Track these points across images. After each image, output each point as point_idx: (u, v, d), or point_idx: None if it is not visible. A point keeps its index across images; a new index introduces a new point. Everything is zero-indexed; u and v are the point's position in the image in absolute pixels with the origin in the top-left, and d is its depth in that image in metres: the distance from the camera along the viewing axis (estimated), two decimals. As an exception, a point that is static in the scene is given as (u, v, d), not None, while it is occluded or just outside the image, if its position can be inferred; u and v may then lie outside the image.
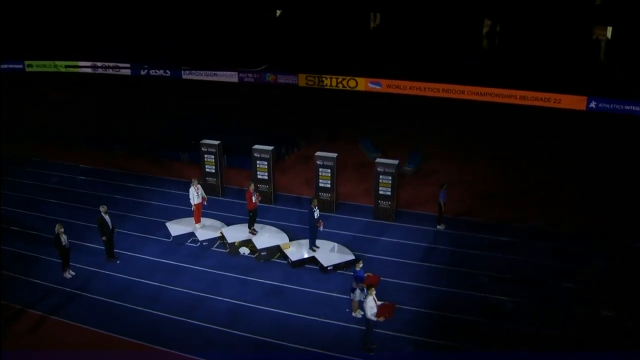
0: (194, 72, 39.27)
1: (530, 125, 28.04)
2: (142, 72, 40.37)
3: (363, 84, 35.27)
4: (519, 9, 36.27)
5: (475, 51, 37.18)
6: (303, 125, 27.85)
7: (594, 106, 29.76)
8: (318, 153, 18.93)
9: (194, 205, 17.54)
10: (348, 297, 14.03)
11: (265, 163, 19.46)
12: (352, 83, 35.46)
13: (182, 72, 39.55)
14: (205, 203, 17.87)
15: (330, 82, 35.97)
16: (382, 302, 12.50)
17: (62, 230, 15.21)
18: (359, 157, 24.02)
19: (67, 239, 15.39)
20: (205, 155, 20.20)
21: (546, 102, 30.77)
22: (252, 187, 16.97)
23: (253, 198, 16.79)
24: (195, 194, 17.39)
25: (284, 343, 13.00)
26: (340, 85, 35.76)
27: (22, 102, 33.08)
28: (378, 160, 18.45)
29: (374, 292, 12.00)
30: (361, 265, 13.59)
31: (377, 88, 34.97)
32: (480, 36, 38.69)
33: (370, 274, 14.08)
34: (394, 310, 12.90)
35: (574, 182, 21.29)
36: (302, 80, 36.65)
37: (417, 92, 33.79)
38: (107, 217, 16.05)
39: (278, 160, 23.34)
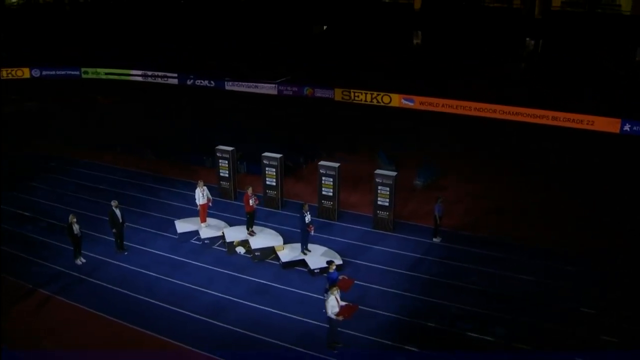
0: (236, 83, 41.39)
1: (559, 147, 27.91)
2: (189, 82, 42.96)
3: (397, 100, 36.12)
4: (559, 30, 36.36)
5: (514, 71, 37.27)
6: (327, 136, 28.99)
7: (627, 129, 29.27)
8: (321, 162, 20.02)
9: (200, 205, 19.00)
10: (323, 297, 14.91)
11: (274, 170, 20.71)
12: (386, 99, 36.40)
13: (225, 83, 41.77)
14: (210, 204, 19.29)
15: (364, 97, 37.06)
16: (346, 303, 13.34)
17: (75, 220, 17.01)
18: (375, 169, 24.80)
19: (80, 228, 17.17)
20: (220, 161, 21.70)
21: (578, 124, 30.55)
22: (249, 190, 18.25)
23: (250, 201, 18.07)
24: (201, 195, 18.86)
25: (257, 336, 14.05)
26: (374, 101, 36.78)
27: (74, 106, 36.06)
28: (377, 171, 19.28)
29: (335, 292, 12.87)
30: (334, 267, 14.48)
31: (410, 105, 35.72)
32: (521, 57, 38.69)
33: (344, 276, 14.95)
34: (354, 312, 13.64)
35: (589, 205, 21.20)
36: (338, 94, 37.94)
37: (449, 110, 34.28)
38: (117, 211, 17.73)
39: (297, 169, 24.67)
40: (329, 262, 14.69)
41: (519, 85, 34.06)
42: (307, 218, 17.10)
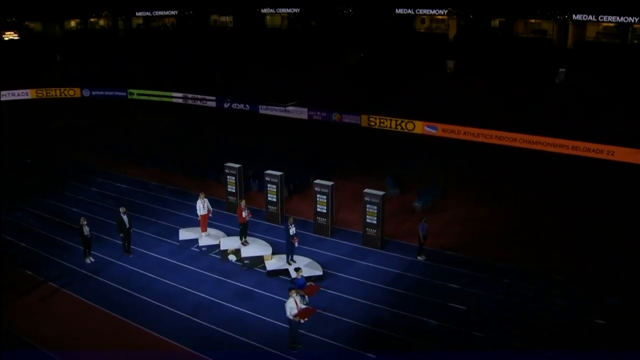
0: (269, 108, 43.78)
1: (576, 176, 28.26)
2: (225, 105, 45.76)
3: (420, 127, 37.36)
4: (590, 60, 36.76)
5: (544, 101, 37.66)
6: (344, 159, 30.61)
7: (648, 161, 29.31)
8: (316, 181, 21.59)
9: (200, 216, 20.94)
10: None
11: (275, 186, 22.46)
12: (409, 126, 37.71)
13: (260, 107, 44.25)
14: (211, 215, 21.19)
15: (389, 123, 38.50)
16: (306, 306, 14.74)
17: (85, 223, 19.26)
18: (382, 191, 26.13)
19: (90, 230, 19.41)
20: (228, 177, 23.69)
21: (599, 154, 30.80)
22: (242, 203, 20.05)
23: (243, 213, 19.84)
24: (202, 206, 20.80)
25: (229, 333, 15.59)
26: (399, 127, 38.14)
27: (117, 123, 39.39)
28: (365, 190, 20.63)
29: (294, 294, 14.31)
30: (302, 274, 15.93)
31: (432, 132, 36.87)
32: (553, 85, 39.08)
33: (312, 283, 16.35)
34: (311, 314, 14.95)
35: (590, 234, 21.61)
36: (364, 120, 39.57)
37: (470, 138, 35.18)
38: (125, 217, 19.88)
39: (303, 187, 26.30)
40: (297, 269, 16.14)
41: (546, 114, 34.47)
42: (292, 230, 18.64)
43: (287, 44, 51.17)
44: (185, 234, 21.38)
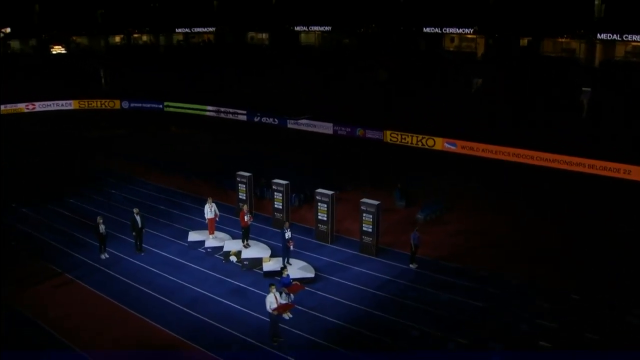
0: (296, 122, 45.51)
1: (590, 194, 28.53)
2: (255, 119, 47.79)
3: (440, 144, 38.23)
4: (615, 79, 36.92)
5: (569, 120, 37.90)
6: (360, 172, 31.92)
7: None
8: (318, 190, 22.90)
9: (208, 219, 22.56)
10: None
11: (281, 194, 23.90)
12: (430, 142, 38.64)
13: (288, 121, 46.05)
14: (217, 219, 22.79)
15: (411, 139, 39.52)
16: (286, 302, 16.02)
17: (101, 221, 21.18)
18: (389, 203, 27.24)
19: (105, 228, 21.31)
20: (239, 185, 25.31)
21: (615, 173, 30.95)
22: (245, 208, 21.56)
23: (245, 217, 21.34)
24: (209, 210, 22.43)
25: (219, 325, 16.98)
26: (419, 144, 39.11)
27: (152, 134, 41.88)
28: (362, 200, 21.80)
29: (274, 290, 15.62)
30: (287, 272, 17.23)
31: (452, 148, 37.68)
32: (580, 106, 39.24)
33: (296, 282, 17.62)
34: (288, 309, 16.31)
35: (592, 250, 22.04)
36: (387, 136, 40.73)
37: (488, 155, 35.81)
38: (138, 218, 21.69)
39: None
40: (282, 268, 17.47)
41: (566, 133, 34.76)
42: (288, 234, 19.99)
43: (319, 60, 52.91)
44: (193, 236, 23.03)
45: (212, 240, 22.57)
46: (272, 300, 15.55)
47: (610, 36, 38.44)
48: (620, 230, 23.77)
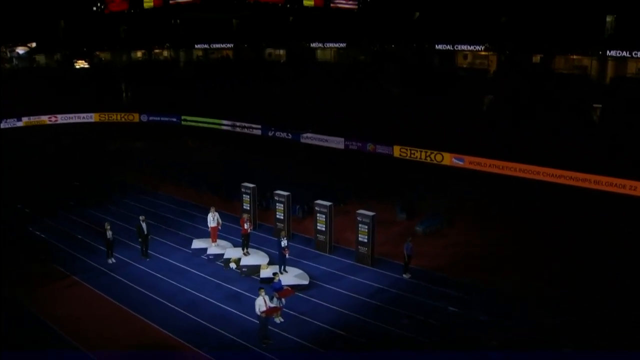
0: (309, 136, 46.66)
1: (595, 210, 28.79)
2: (270, 134, 49.09)
3: (448, 159, 38.92)
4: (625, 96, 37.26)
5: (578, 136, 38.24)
6: (367, 185, 32.80)
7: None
8: (317, 201, 23.86)
9: (210, 227, 23.69)
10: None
11: (282, 205, 24.94)
12: (438, 157, 39.36)
13: (301, 136, 47.24)
14: (220, 227, 23.91)
15: (420, 154, 40.33)
16: (273, 305, 16.98)
17: (109, 227, 22.46)
18: (391, 216, 28.06)
19: (113, 234, 22.59)
20: (244, 195, 26.43)
21: (620, 189, 31.23)
22: (245, 216, 22.63)
23: (245, 225, 22.41)
24: (212, 219, 23.56)
25: (212, 327, 17.97)
26: (428, 159, 39.87)
27: (168, 146, 43.46)
28: (358, 211, 22.70)
29: (263, 293, 16.58)
30: (278, 278, 18.19)
31: (460, 164, 38.33)
32: (588, 122, 39.61)
33: (288, 287, 18.55)
34: (275, 312, 17.31)
35: (586, 264, 22.50)
36: (396, 151, 41.59)
37: (495, 170, 36.37)
38: (144, 225, 22.92)
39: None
40: (274, 274, 18.43)
41: (575, 149, 35.13)
42: (283, 243, 20.99)
43: (333, 76, 54.09)
44: (197, 244, 24.18)
45: (214, 247, 23.65)
46: (261, 303, 16.49)
47: (620, 53, 38.84)
48: (624, 248, 23.97)
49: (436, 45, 48.13)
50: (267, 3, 30.17)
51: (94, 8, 51.57)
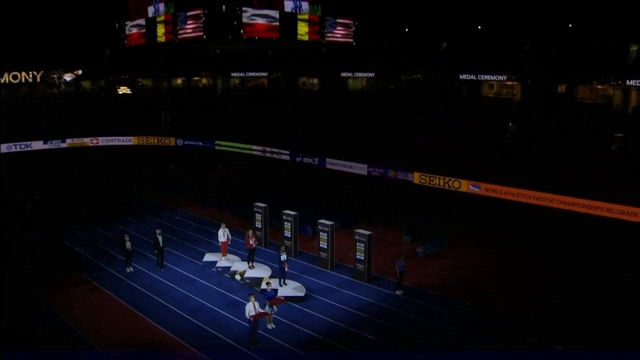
0: (335, 162, 48.72)
1: (605, 238, 29.51)
2: (297, 159, 51.40)
3: (465, 186, 40.18)
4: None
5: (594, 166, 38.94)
6: (381, 210, 34.55)
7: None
8: (320, 221, 25.72)
9: (221, 242, 25.86)
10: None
11: (289, 224, 26.93)
12: (456, 184, 40.66)
13: (327, 161, 49.36)
14: (229, 242, 26.05)
15: (438, 181, 41.73)
16: (262, 311, 18.86)
17: (128, 238, 24.94)
18: (397, 238, 29.59)
19: (131, 245, 25.06)
20: (256, 214, 28.58)
21: (633, 217, 31.82)
22: (250, 232, 24.72)
23: (250, 240, 24.48)
24: (222, 235, 25.74)
25: (211, 330, 19.93)
26: (446, 185, 41.22)
27: (200, 170, 46.41)
28: (356, 230, 24.42)
29: (253, 299, 18.48)
30: (272, 286, 20.07)
31: (476, 190, 39.52)
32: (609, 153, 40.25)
33: (280, 297, 20.40)
34: (263, 317, 19.08)
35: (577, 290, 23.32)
36: (416, 177, 43.11)
37: (510, 197, 37.42)
38: (159, 238, 25.28)
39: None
40: (268, 283, 20.33)
41: (591, 178, 35.87)
42: (283, 257, 22.90)
43: (362, 105, 56.23)
44: (208, 257, 26.36)
45: (224, 261, 25.76)
46: (251, 308, 18.38)
47: (638, 82, 39.55)
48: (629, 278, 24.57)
49: (460, 75, 49.69)
50: (261, 37, 32.93)
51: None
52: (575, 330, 19.97)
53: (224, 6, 31.05)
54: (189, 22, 33.73)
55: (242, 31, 31.90)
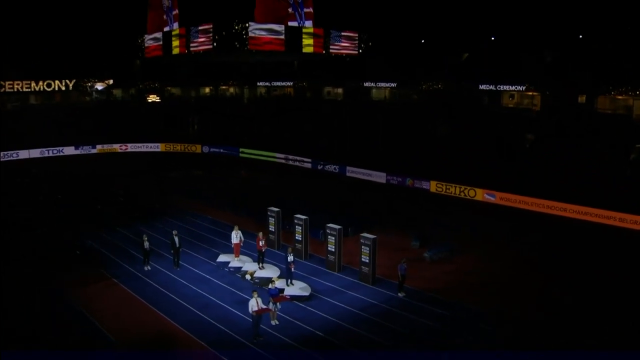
0: (355, 170, 49.87)
1: (614, 248, 29.93)
2: (319, 167, 52.71)
3: (480, 195, 40.83)
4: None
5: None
6: (392, 216, 35.42)
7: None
8: (328, 225, 26.87)
9: (233, 244, 27.24)
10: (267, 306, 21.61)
11: (300, 228, 28.16)
12: (471, 193, 41.35)
13: (347, 169, 50.55)
14: (242, 244, 27.41)
15: (454, 190, 42.47)
16: (265, 307, 20.08)
17: (146, 239, 26.54)
18: (404, 243, 30.52)
19: (150, 245, 26.64)
20: (269, 218, 29.92)
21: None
22: (260, 235, 26.04)
23: (260, 242, 25.80)
24: (235, 237, 27.12)
25: (218, 325, 21.22)
26: (462, 194, 41.93)
27: (223, 176, 48.09)
28: (362, 234, 25.50)
29: (256, 295, 19.73)
30: (276, 284, 21.31)
31: (491, 199, 40.13)
32: (626, 163, 40.39)
33: (283, 295, 21.59)
34: (264, 312, 20.21)
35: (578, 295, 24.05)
36: (433, 186, 43.93)
37: (523, 206, 37.96)
38: (176, 239, 26.80)
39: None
40: (271, 281, 21.57)
41: (611, 189, 36.16)
42: (290, 258, 24.13)
43: (385, 114, 57.30)
44: (222, 258, 27.78)
45: (236, 261, 27.13)
46: (254, 303, 19.63)
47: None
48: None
49: (480, 85, 50.33)
50: (269, 50, 34.91)
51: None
52: (574, 331, 20.62)
53: (234, 22, 33.04)
54: (200, 36, 35.82)
55: (246, 44, 33.65)
